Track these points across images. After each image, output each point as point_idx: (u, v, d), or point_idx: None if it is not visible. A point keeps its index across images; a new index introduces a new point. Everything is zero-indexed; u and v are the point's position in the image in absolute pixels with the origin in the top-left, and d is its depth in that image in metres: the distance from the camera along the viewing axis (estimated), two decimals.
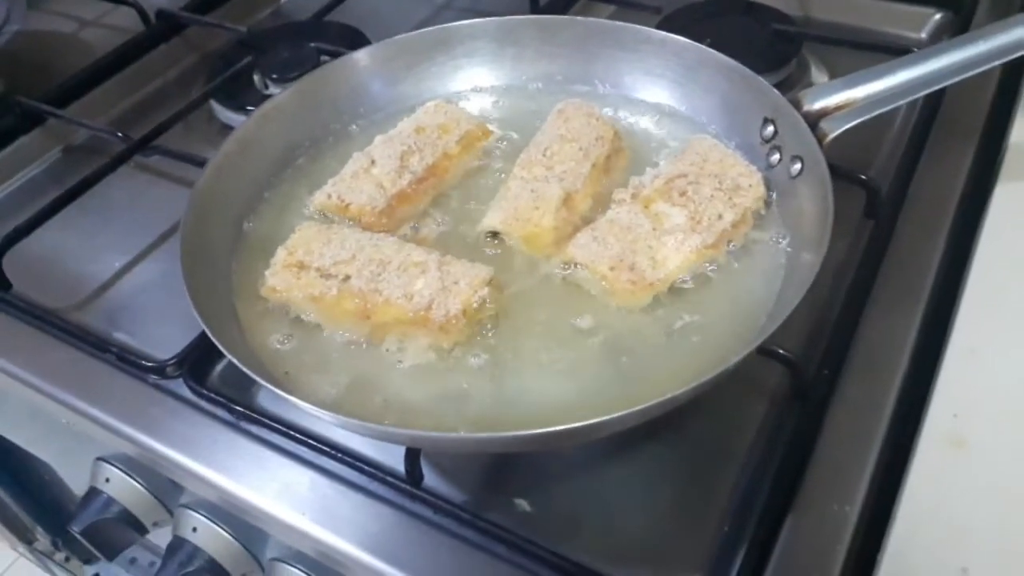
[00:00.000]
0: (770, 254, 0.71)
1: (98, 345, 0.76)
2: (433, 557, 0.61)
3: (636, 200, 0.73)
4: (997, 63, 0.71)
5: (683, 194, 0.72)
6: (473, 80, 0.90)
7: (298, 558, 0.70)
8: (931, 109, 0.90)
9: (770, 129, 0.76)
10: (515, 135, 0.85)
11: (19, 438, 1.00)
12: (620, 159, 0.81)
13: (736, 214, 0.71)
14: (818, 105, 0.72)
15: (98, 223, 0.93)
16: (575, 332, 0.67)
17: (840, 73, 0.73)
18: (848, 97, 0.72)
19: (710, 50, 0.80)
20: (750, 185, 0.73)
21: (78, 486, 1.10)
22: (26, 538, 1.30)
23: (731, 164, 0.74)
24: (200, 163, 0.77)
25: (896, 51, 0.73)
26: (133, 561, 1.22)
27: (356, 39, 1.08)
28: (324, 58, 1.00)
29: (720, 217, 0.70)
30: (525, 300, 0.70)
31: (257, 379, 0.57)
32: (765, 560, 0.58)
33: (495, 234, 0.75)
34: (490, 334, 0.67)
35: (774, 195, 0.74)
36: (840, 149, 0.71)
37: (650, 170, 0.77)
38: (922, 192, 0.82)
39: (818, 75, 1.00)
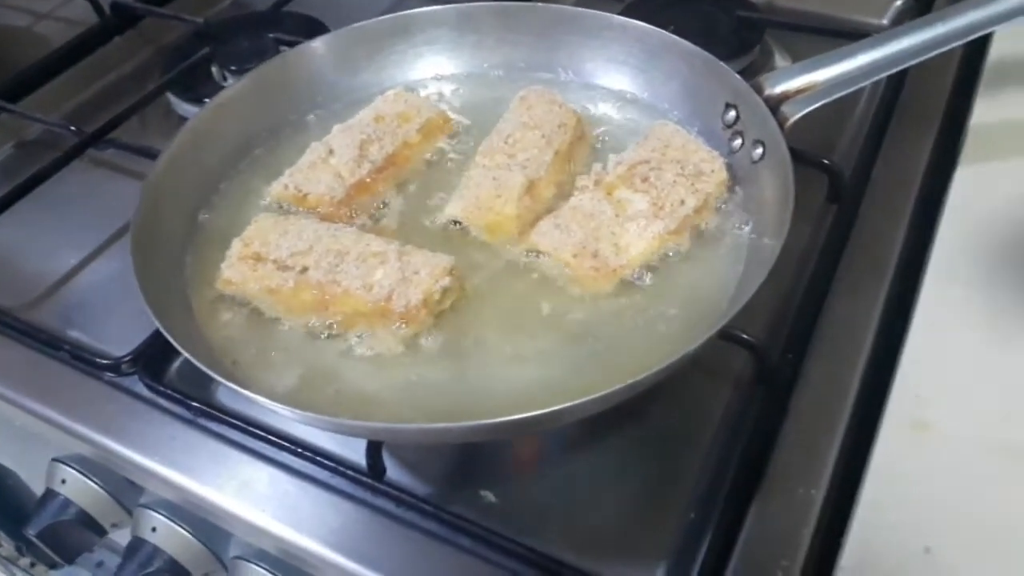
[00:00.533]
0: (733, 239, 0.70)
1: (51, 343, 0.75)
2: (397, 551, 0.60)
3: (599, 187, 0.73)
4: (955, 44, 0.71)
5: (645, 180, 0.72)
6: (434, 68, 0.88)
7: (261, 556, 0.69)
8: (892, 93, 0.90)
9: (732, 114, 0.75)
10: (476, 123, 0.84)
11: None
12: (583, 146, 0.80)
13: (698, 199, 0.70)
14: (779, 89, 0.72)
15: (52, 219, 0.90)
16: (538, 320, 0.66)
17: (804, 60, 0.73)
18: (809, 80, 0.71)
19: (671, 36, 0.80)
20: (712, 170, 0.72)
21: (39, 489, 1.08)
22: None
23: (693, 150, 0.74)
24: (155, 156, 0.75)
25: (859, 37, 0.73)
26: (100, 564, 1.19)
27: (316, 29, 1.06)
28: (283, 48, 0.98)
29: (682, 203, 0.70)
30: (488, 289, 0.69)
31: (212, 374, 0.56)
32: (731, 545, 0.58)
33: (457, 223, 0.74)
34: (452, 324, 0.66)
35: (736, 180, 0.74)
36: (803, 134, 0.71)
37: (612, 157, 0.76)
38: (884, 176, 0.82)
39: (782, 62, 1.00)
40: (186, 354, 0.57)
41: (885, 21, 1.04)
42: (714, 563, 0.57)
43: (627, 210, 0.70)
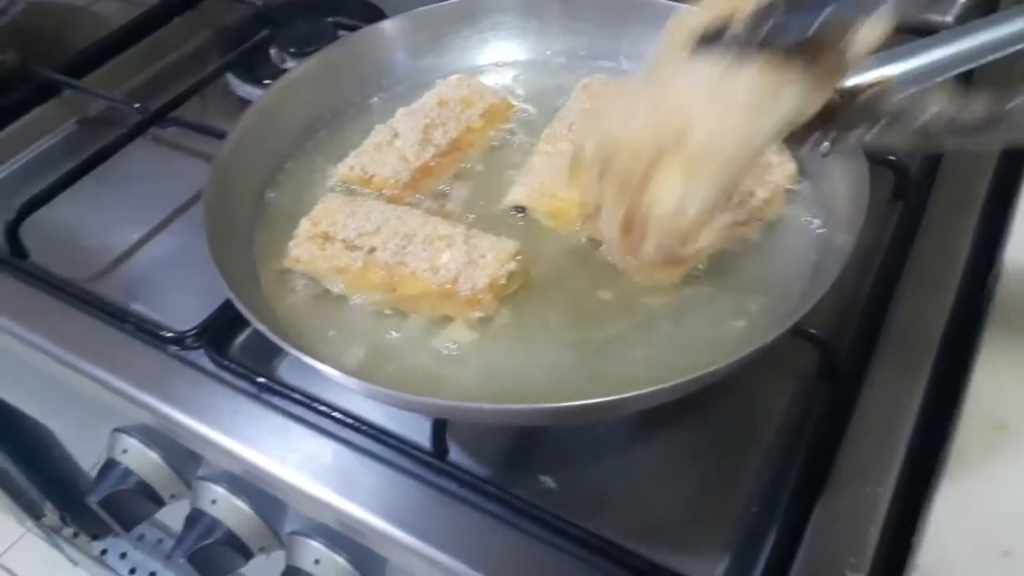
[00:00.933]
0: (801, 233, 0.70)
1: (117, 315, 0.75)
2: (458, 530, 0.60)
3: None
4: None
5: None
6: (496, 54, 0.89)
7: (319, 531, 0.69)
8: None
9: None
10: (537, 110, 0.84)
11: (34, 410, 1.00)
12: None
13: (767, 191, 0.70)
14: (851, 82, 0.71)
15: (115, 195, 0.91)
16: (603, 307, 0.66)
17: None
18: (881, 75, 0.70)
19: None
20: (781, 162, 0.72)
21: (88, 462, 1.10)
22: (34, 513, 1.30)
23: None
24: (218, 135, 0.76)
25: (923, 34, 0.72)
26: (141, 538, 1.21)
27: (373, 14, 1.06)
28: (342, 33, 0.99)
29: (751, 195, 0.69)
30: (552, 275, 0.69)
31: (283, 345, 0.57)
32: (796, 542, 0.57)
33: (520, 209, 0.74)
34: (516, 308, 0.66)
35: (805, 174, 0.73)
36: None
37: None
38: (952, 172, 0.81)
39: None
40: (260, 327, 0.57)
41: (949, 19, 1.02)
42: (779, 559, 0.57)
43: None
